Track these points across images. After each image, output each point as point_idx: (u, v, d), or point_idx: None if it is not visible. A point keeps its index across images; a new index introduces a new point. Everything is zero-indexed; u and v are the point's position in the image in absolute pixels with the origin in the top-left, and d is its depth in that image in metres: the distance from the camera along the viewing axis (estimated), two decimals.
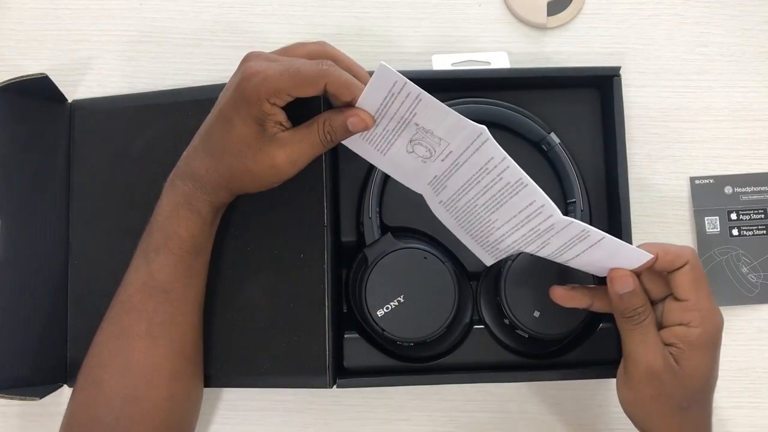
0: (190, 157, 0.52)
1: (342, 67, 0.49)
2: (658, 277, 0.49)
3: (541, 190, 0.45)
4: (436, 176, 0.50)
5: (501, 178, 0.46)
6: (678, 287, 0.48)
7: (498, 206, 0.48)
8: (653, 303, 0.50)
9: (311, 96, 0.48)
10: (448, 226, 0.54)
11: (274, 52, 0.52)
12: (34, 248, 0.59)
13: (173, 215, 0.52)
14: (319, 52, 0.51)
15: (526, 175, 0.45)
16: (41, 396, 0.57)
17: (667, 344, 0.49)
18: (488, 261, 0.54)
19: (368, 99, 0.47)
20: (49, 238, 0.60)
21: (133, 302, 0.52)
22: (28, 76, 0.58)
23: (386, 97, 0.46)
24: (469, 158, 0.47)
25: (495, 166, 0.46)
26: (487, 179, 0.47)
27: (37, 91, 0.59)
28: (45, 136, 0.61)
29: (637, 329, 0.49)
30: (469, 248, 0.54)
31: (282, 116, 0.50)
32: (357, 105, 0.48)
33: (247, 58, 0.50)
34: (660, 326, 0.50)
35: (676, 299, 0.48)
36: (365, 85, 0.47)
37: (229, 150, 0.50)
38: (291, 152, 0.50)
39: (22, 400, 0.55)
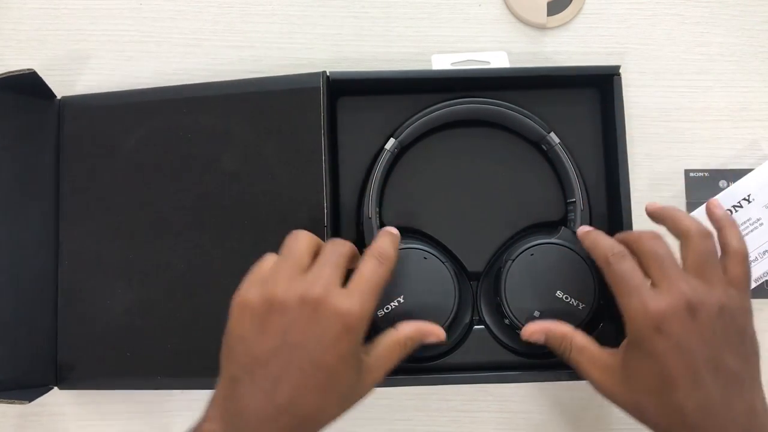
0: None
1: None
2: None
3: None
4: None
5: None
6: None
7: None
8: None
9: None
10: None
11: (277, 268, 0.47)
12: (22, 248, 0.58)
13: None
14: (315, 243, 0.48)
15: None
16: (30, 399, 0.56)
17: None
18: None
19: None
20: (37, 237, 0.59)
21: None
22: (15, 71, 0.57)
23: None
24: None
25: None
26: None
27: (27, 87, 0.59)
28: (33, 133, 0.60)
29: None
30: None
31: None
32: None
33: (307, 296, 0.44)
34: None
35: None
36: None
37: (330, 403, 0.45)
38: (378, 377, 0.47)
39: (11, 403, 0.54)
